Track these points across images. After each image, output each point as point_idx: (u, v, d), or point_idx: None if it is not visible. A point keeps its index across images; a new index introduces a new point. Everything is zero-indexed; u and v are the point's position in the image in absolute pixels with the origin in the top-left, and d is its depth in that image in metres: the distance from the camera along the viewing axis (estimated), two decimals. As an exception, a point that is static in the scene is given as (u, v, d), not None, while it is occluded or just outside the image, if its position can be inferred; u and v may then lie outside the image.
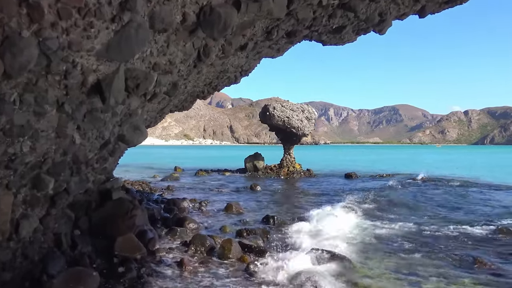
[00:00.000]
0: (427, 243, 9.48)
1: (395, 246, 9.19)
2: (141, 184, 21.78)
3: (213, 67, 11.45)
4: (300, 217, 12.57)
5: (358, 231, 10.61)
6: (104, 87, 4.39)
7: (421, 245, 9.26)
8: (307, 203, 15.65)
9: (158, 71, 5.52)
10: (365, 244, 9.32)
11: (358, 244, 9.28)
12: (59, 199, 6.08)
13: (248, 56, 12.17)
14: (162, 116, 16.20)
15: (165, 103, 12.44)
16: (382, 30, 11.08)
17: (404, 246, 9.16)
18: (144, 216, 9.44)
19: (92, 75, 4.22)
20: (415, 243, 9.43)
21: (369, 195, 16.80)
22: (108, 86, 4.41)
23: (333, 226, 10.91)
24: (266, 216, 11.93)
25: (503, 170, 38.43)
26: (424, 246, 9.17)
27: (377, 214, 13.21)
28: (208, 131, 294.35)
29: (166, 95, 8.93)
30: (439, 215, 13.47)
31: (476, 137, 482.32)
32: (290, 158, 29.48)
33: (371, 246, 9.17)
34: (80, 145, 5.57)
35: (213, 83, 13.70)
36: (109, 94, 4.43)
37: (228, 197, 17.19)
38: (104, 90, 4.39)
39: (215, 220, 11.96)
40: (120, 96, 4.71)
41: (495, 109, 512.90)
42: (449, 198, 17.46)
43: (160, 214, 11.67)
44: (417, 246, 9.11)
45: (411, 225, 11.49)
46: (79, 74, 4.04)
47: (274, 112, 27.73)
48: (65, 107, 4.36)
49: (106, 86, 4.40)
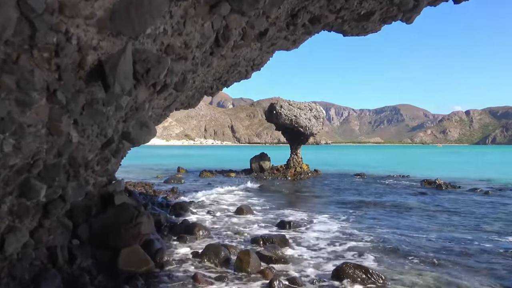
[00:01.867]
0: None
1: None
2: (144, 185, 20.87)
3: (224, 59, 10.53)
4: (316, 220, 11.67)
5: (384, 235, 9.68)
6: (107, 71, 3.46)
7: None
8: (321, 205, 14.74)
9: (172, 55, 4.60)
10: (396, 253, 8.39)
11: (389, 252, 8.35)
12: (53, 208, 5.16)
13: (262, 48, 11.26)
14: (167, 114, 15.31)
15: (171, 99, 11.53)
16: (411, 18, 10.16)
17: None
18: (150, 224, 8.51)
19: (91, 54, 3.29)
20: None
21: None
22: (112, 70, 3.48)
23: (363, 232, 9.98)
24: (282, 221, 11.02)
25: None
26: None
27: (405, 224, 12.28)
28: (209, 131, 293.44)
29: (174, 89, 8.06)
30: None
31: (477, 137, 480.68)
32: (297, 158, 28.55)
33: (396, 254, 8.24)
34: (78, 144, 4.66)
35: (223, 78, 12.77)
36: (113, 80, 3.50)
37: (236, 199, 16.27)
38: (107, 75, 3.47)
39: (227, 225, 11.04)
40: (127, 83, 3.78)
41: (497, 109, 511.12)
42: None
43: (167, 219, 10.75)
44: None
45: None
46: (75, 52, 3.11)
47: (281, 111, 26.78)
48: (57, 95, 3.43)
49: (109, 70, 3.47)
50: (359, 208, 14.17)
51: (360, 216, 12.73)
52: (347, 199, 16.56)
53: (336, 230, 10.44)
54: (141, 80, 4.10)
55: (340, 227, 10.83)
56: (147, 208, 11.93)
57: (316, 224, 11.22)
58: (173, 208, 12.57)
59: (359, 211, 13.65)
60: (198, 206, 13.45)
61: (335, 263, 7.37)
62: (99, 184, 9.43)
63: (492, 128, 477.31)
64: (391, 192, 19.39)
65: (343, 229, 10.57)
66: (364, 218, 12.43)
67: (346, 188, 20.78)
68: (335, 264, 7.25)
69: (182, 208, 12.44)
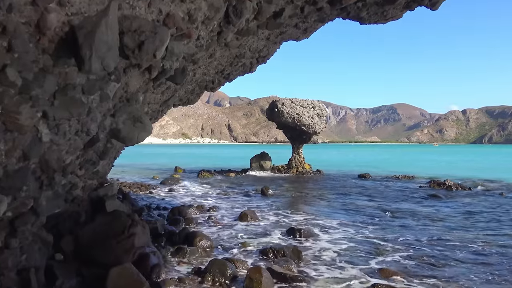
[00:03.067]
0: None
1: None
2: (140, 187, 19.80)
3: (228, 49, 9.48)
4: (328, 227, 10.66)
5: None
6: (81, 39, 2.40)
7: None
8: (331, 209, 13.71)
9: (172, 29, 3.55)
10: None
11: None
12: (22, 224, 4.10)
13: (270, 37, 10.21)
14: (165, 110, 14.26)
15: (169, 93, 10.45)
16: (436, 4, 9.15)
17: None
18: (145, 234, 7.45)
19: (56, 12, 2.23)
20: None
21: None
22: (88, 38, 2.43)
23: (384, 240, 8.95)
24: (291, 228, 9.98)
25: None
26: None
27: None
28: (206, 129, 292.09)
29: (173, 81, 7.05)
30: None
31: (474, 136, 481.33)
32: (299, 158, 27.52)
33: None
34: (50, 143, 3.60)
35: (225, 71, 11.70)
36: (90, 53, 2.44)
37: (238, 202, 15.23)
38: (81, 45, 2.41)
39: (230, 233, 10.00)
40: (110, 59, 2.72)
41: (493, 108, 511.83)
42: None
43: (164, 227, 9.69)
44: None
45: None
46: (28, 5, 2.05)
47: (283, 109, 25.72)
48: (8, 74, 2.38)
49: (84, 38, 2.42)
50: (374, 214, 13.13)
51: (378, 223, 11.68)
52: (357, 203, 15.53)
53: (354, 240, 9.42)
54: (131, 57, 3.04)
55: (359, 236, 9.80)
56: (142, 214, 10.89)
57: (329, 232, 10.19)
58: (171, 213, 11.51)
59: (374, 217, 12.61)
60: (198, 210, 12.39)
61: (362, 284, 6.35)
62: (88, 188, 8.41)
63: (489, 127, 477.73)
64: (403, 195, 18.37)
65: (362, 239, 9.54)
66: (384, 225, 11.36)
67: (354, 191, 19.75)
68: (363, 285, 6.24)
69: (180, 213, 11.39)
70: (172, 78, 7.03)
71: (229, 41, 8.55)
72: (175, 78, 6.97)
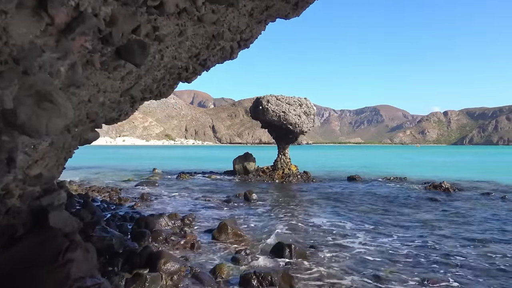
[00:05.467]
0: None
1: None
2: (110, 191, 17.83)
3: (203, 26, 7.67)
4: (322, 242, 8.99)
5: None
6: None
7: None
8: (324, 218, 12.03)
9: None
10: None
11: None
12: None
13: (253, 13, 8.45)
14: (134, 106, 12.33)
15: (131, 79, 8.54)
16: None
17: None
18: (88, 260, 5.61)
19: None
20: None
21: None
22: None
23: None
24: (279, 244, 8.22)
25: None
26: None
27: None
28: (190, 131, 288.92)
29: (131, 62, 5.27)
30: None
31: (455, 137, 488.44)
32: (286, 159, 25.83)
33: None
34: None
35: (201, 56, 9.87)
36: None
37: (218, 210, 13.44)
38: None
39: (205, 251, 8.23)
40: None
41: (474, 110, 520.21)
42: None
43: (124, 243, 7.86)
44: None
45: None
46: None
47: (268, 106, 24.01)
48: None
49: None
50: (375, 224, 11.46)
51: (381, 234, 10.06)
52: (354, 209, 13.93)
53: (356, 260, 7.74)
54: None
55: (361, 254, 8.13)
56: (95, 228, 8.99)
57: (325, 249, 8.50)
58: (136, 225, 9.66)
59: (376, 227, 10.94)
60: (170, 219, 10.56)
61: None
62: (28, 196, 6.54)
63: (469, 128, 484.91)
64: (402, 199, 16.82)
65: (367, 257, 7.88)
66: (390, 238, 9.70)
67: (347, 195, 18.14)
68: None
69: (148, 224, 9.54)
70: (130, 58, 5.34)
71: (203, 13, 6.79)
72: (133, 57, 5.32)
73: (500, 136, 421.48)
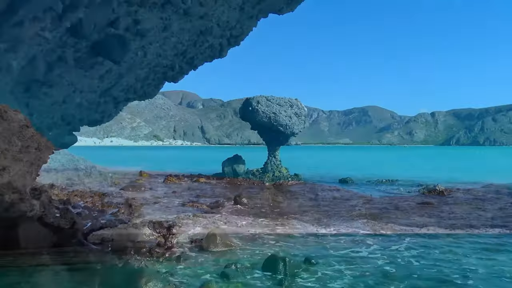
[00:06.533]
0: None
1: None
2: (93, 196, 17.01)
3: (190, 20, 7.03)
4: (319, 255, 8.41)
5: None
6: None
7: None
8: (319, 225, 11.46)
9: None
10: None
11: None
12: None
13: (244, 7, 7.81)
14: (118, 107, 11.67)
15: (111, 79, 7.86)
16: None
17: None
18: None
19: None
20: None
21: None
22: None
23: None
24: (272, 257, 7.59)
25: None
26: None
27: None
28: (179, 131, 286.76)
29: (109, 59, 4.64)
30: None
31: (442, 138, 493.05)
32: (276, 161, 25.28)
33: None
34: None
35: (188, 53, 9.21)
36: None
37: (206, 216, 12.77)
38: None
39: (192, 264, 7.58)
40: None
41: (460, 111, 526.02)
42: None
43: (102, 259, 7.16)
44: None
45: None
46: None
47: (258, 107, 23.42)
48: None
49: None
50: (380, 232, 10.88)
51: (393, 247, 9.35)
52: (348, 214, 13.38)
53: (362, 276, 7.15)
54: None
55: (371, 271, 7.51)
56: (71, 242, 8.25)
57: (324, 262, 7.90)
58: (117, 236, 8.94)
59: (382, 237, 10.31)
60: (154, 228, 9.82)
61: None
62: (-2, 205, 5.94)
63: (456, 129, 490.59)
64: (398, 202, 16.38)
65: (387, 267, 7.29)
66: (404, 253, 9.00)
67: (342, 199, 17.57)
68: None
69: (129, 236, 8.85)
70: (107, 54, 4.74)
71: (189, 6, 6.18)
72: (111, 53, 4.73)
73: (486, 137, 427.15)
